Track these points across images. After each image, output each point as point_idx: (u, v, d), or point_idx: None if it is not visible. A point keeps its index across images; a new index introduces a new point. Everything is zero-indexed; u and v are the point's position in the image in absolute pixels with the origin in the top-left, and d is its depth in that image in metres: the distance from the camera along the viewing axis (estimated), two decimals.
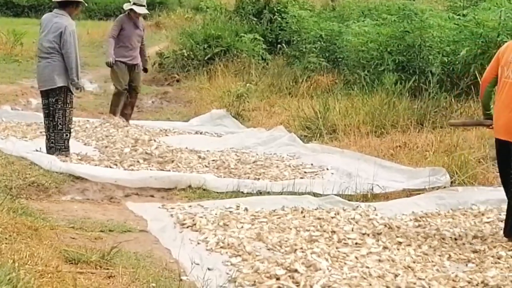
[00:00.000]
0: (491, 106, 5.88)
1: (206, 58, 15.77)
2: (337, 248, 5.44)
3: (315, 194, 7.11)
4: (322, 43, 14.38)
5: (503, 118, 5.62)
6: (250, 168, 8.24)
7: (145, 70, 11.47)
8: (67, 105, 8.33)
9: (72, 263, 4.62)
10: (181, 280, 4.57)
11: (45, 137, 8.51)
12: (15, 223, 4.94)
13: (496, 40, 10.12)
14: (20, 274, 3.79)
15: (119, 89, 10.90)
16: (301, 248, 5.36)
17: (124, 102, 10.98)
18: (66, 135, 8.37)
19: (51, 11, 8.64)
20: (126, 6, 10.82)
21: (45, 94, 8.42)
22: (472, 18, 10.85)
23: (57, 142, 8.34)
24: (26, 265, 4.12)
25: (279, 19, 16.54)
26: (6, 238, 4.62)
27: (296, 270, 4.86)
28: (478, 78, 9.49)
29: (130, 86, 10.95)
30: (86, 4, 9.36)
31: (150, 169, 7.97)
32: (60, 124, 8.32)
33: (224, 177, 7.82)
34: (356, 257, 5.23)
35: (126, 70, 10.81)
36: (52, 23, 8.30)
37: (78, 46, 8.37)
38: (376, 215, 6.38)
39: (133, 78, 10.91)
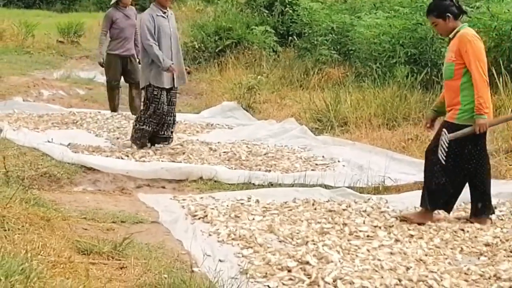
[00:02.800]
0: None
1: (217, 50, 15.76)
2: (348, 240, 5.43)
3: (326, 186, 7.11)
4: (333, 35, 14.34)
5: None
6: (261, 160, 8.24)
7: (139, 62, 10.90)
8: (148, 100, 8.42)
9: (84, 254, 4.63)
10: (192, 271, 4.57)
11: None
12: (28, 214, 4.96)
13: (510, 33, 10.06)
14: (32, 265, 3.80)
15: (108, 82, 10.93)
16: (313, 240, 5.36)
17: (130, 96, 10.94)
18: (143, 128, 8.46)
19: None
20: None
21: None
22: (485, 11, 10.78)
23: (134, 133, 8.54)
24: (39, 255, 4.14)
25: (291, 11, 16.48)
26: (18, 229, 4.64)
27: (307, 262, 4.86)
28: (493, 71, 9.43)
29: (127, 80, 10.92)
30: None
31: (162, 161, 7.98)
32: (140, 116, 8.51)
33: (235, 169, 7.82)
34: (368, 250, 5.22)
35: (120, 63, 10.78)
36: None
37: (158, 32, 8.41)
38: (388, 207, 6.37)
39: (129, 71, 10.83)
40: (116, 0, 10.71)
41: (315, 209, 6.31)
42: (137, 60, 10.90)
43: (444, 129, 5.76)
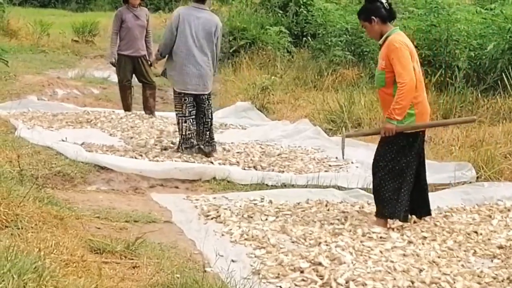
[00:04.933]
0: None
1: (231, 51, 15.77)
2: (361, 242, 5.42)
3: (339, 188, 7.11)
4: (347, 36, 14.32)
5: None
6: (274, 161, 8.23)
7: (150, 64, 10.78)
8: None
9: (97, 253, 4.65)
10: (205, 271, 4.57)
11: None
12: (41, 212, 4.98)
13: None
14: (45, 263, 3.81)
15: (119, 82, 10.92)
16: (325, 241, 5.36)
17: (144, 96, 10.94)
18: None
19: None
20: None
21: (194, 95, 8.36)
22: (499, 13, 10.75)
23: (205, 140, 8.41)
24: (52, 254, 4.15)
25: (305, 12, 16.48)
26: (32, 227, 4.65)
27: (320, 263, 4.85)
28: (506, 73, 9.40)
29: (140, 80, 10.92)
30: None
31: (175, 161, 7.98)
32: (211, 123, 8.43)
33: (249, 168, 7.81)
34: (381, 251, 5.21)
35: (130, 63, 10.74)
36: (201, 19, 8.21)
37: None
38: None
39: (140, 71, 10.79)
40: (127, 3, 10.71)
41: (328, 210, 6.30)
42: (149, 62, 10.85)
43: (343, 129, 6.09)
